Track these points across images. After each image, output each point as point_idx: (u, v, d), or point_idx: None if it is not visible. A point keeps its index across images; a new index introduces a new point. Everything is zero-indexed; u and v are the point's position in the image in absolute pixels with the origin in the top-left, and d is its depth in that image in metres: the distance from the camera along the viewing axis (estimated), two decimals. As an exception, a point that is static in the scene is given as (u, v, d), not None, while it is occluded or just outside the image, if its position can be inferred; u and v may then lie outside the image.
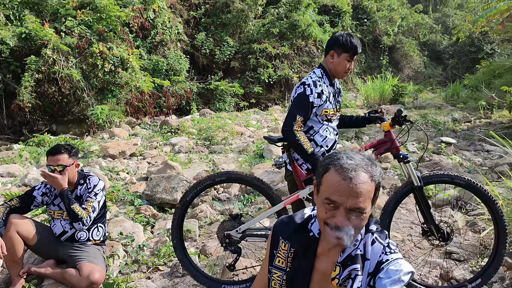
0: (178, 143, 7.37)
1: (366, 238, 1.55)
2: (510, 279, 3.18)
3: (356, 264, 1.51)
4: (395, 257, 1.51)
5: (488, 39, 18.63)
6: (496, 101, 10.29)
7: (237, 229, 2.89)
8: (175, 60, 12.15)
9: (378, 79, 12.73)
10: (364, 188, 1.41)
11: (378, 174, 1.47)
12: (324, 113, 2.86)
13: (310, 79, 2.82)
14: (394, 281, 1.45)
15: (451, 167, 5.71)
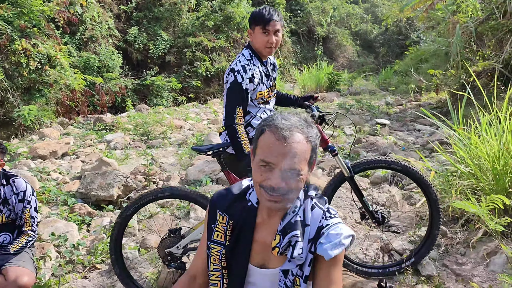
0: (113, 140, 7.07)
1: (306, 204, 1.51)
2: (445, 246, 3.32)
3: (296, 230, 1.46)
4: (335, 221, 1.49)
5: (414, 27, 19.53)
6: (424, 84, 10.80)
7: (177, 245, 2.76)
8: (107, 56, 11.65)
9: (314, 68, 12.94)
10: (299, 149, 1.36)
11: (314, 135, 1.42)
12: (259, 96, 2.79)
13: (239, 63, 2.70)
14: (335, 245, 1.43)
15: (386, 146, 5.89)
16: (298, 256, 1.44)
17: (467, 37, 8.49)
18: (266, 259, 1.55)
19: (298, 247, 1.45)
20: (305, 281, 1.47)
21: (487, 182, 3.24)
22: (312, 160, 1.45)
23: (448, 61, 10.10)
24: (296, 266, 1.48)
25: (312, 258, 1.46)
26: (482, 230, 3.16)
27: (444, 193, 3.67)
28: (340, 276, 1.48)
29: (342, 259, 1.49)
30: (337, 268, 1.47)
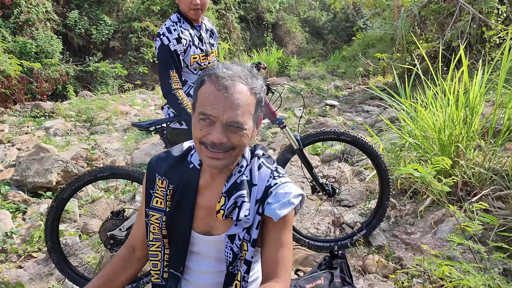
0: (53, 126, 6.65)
1: (252, 164, 1.40)
2: (395, 217, 3.33)
3: (242, 190, 1.34)
4: (283, 180, 1.39)
5: (361, 14, 19.88)
6: (372, 68, 11.01)
7: (120, 227, 2.58)
8: (46, 41, 11.00)
9: (264, 53, 12.87)
10: (242, 100, 1.24)
11: (259, 87, 1.30)
12: (194, 61, 2.63)
13: (163, 27, 2.55)
14: (284, 204, 1.33)
15: (336, 126, 5.91)
16: (245, 218, 1.33)
17: (411, 20, 8.68)
18: (210, 225, 1.43)
19: (245, 208, 1.33)
20: (253, 245, 1.36)
21: (433, 153, 3.27)
22: (258, 114, 1.34)
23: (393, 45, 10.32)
24: (243, 230, 1.36)
25: (260, 220, 1.36)
26: (430, 198, 3.20)
27: (393, 167, 3.69)
28: (290, 239, 1.38)
29: (291, 220, 1.40)
30: (286, 230, 1.37)
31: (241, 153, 1.34)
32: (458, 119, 3.28)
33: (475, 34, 7.28)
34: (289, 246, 1.37)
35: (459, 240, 1.72)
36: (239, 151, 1.31)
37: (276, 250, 1.34)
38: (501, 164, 3.26)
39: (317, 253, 2.83)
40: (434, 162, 2.19)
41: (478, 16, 6.97)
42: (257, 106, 1.31)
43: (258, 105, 1.31)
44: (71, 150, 5.58)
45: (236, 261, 1.38)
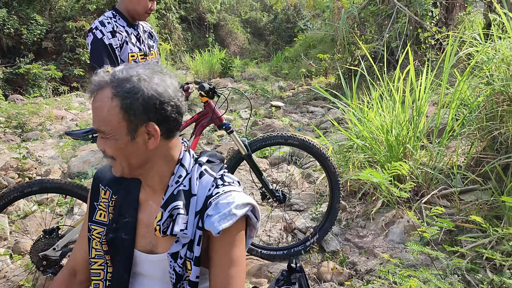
0: (-21, 134, 6.12)
1: (192, 172, 1.24)
2: (346, 220, 3.31)
3: (178, 201, 1.19)
4: (227, 189, 1.22)
5: (301, 15, 20.18)
6: (314, 69, 11.15)
7: (54, 246, 2.35)
8: (-30, 41, 10.19)
9: (206, 54, 12.68)
10: (100, 107, 1.12)
11: (129, 88, 1.10)
12: (132, 59, 2.47)
13: (96, 21, 2.40)
14: (224, 216, 1.16)
15: (282, 127, 5.88)
16: (180, 233, 1.18)
17: (351, 22, 8.87)
18: (153, 243, 1.27)
19: (181, 222, 1.18)
20: (197, 263, 1.20)
21: (382, 154, 3.28)
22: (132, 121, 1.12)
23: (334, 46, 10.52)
24: (183, 247, 1.21)
25: (201, 235, 1.20)
26: (381, 201, 3.20)
27: (342, 168, 3.68)
28: (241, 256, 1.21)
29: (241, 234, 1.22)
30: (235, 246, 1.20)
31: (127, 165, 1.18)
32: (404, 119, 3.32)
33: (411, 35, 7.54)
34: (240, 264, 1.20)
35: (418, 247, 1.69)
36: (122, 162, 1.17)
37: (224, 269, 1.18)
38: (445, 163, 3.33)
39: (271, 263, 2.74)
40: (391, 167, 2.16)
41: (414, 18, 7.21)
42: (126, 113, 1.11)
43: (126, 112, 1.11)
44: (0, 159, 5.14)
45: (181, 282, 1.23)
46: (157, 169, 1.22)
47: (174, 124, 1.17)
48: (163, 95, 1.12)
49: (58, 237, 2.41)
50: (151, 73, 1.14)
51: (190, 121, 2.69)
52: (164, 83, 1.14)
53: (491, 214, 2.74)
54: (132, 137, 1.14)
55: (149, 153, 1.18)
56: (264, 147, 2.81)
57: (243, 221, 1.23)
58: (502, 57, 3.00)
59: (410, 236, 2.83)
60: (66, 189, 2.41)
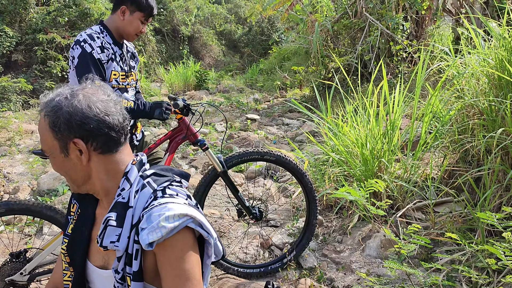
0: None
1: (134, 185, 1.20)
2: (323, 235, 3.29)
3: (111, 212, 1.16)
4: (164, 201, 1.15)
5: (275, 28, 20.36)
6: (289, 81, 11.22)
7: (21, 271, 2.25)
8: None
9: (181, 66, 12.61)
10: (39, 129, 1.18)
11: (51, 107, 1.13)
12: (114, 78, 2.41)
13: (84, 34, 2.33)
14: (153, 229, 1.09)
15: (258, 140, 5.85)
16: (111, 245, 1.14)
17: (325, 35, 8.98)
18: (106, 258, 1.26)
19: (111, 233, 1.15)
20: (136, 279, 1.14)
21: (358, 168, 3.29)
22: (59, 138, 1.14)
23: (308, 58, 10.61)
24: (119, 260, 1.16)
25: (139, 249, 1.14)
26: (357, 215, 3.20)
27: (318, 182, 3.67)
28: (191, 269, 1.13)
29: (187, 248, 1.14)
30: (182, 259, 1.13)
31: (72, 181, 1.22)
32: (379, 133, 3.34)
33: (384, 48, 7.68)
34: (191, 279, 1.13)
35: (396, 265, 1.67)
36: (67, 178, 1.23)
37: (174, 285, 1.12)
38: (419, 176, 3.37)
39: (248, 281, 2.69)
40: (367, 185, 2.16)
41: (386, 32, 7.35)
42: (53, 131, 1.14)
43: (54, 129, 1.14)
44: (-34, 177, 4.94)
45: None
46: (101, 184, 1.21)
47: (107, 139, 1.16)
48: (85, 111, 1.13)
49: (26, 260, 2.31)
50: (75, 91, 1.16)
51: (164, 138, 2.64)
52: (88, 99, 1.14)
53: (465, 226, 2.76)
54: (65, 154, 1.16)
55: (87, 168, 1.18)
56: (240, 163, 2.78)
57: (187, 235, 1.16)
58: (472, 72, 3.07)
59: (387, 250, 2.83)
60: (34, 211, 2.32)
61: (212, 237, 1.20)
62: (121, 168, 1.21)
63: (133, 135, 2.66)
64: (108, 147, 1.18)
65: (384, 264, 2.70)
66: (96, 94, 1.17)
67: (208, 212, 3.72)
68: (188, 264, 1.13)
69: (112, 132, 1.16)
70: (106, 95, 1.19)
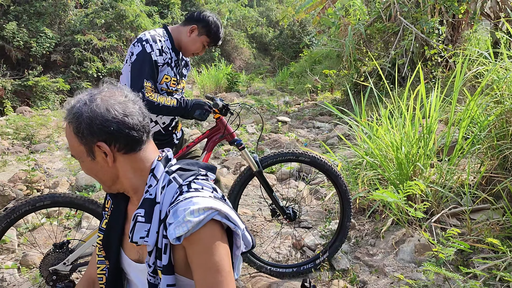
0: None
1: (160, 181, 1.24)
2: (355, 238, 3.29)
3: (140, 209, 1.21)
4: (190, 195, 1.18)
5: (307, 31, 20.33)
6: (320, 84, 11.19)
7: (64, 261, 2.35)
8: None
9: (212, 68, 12.77)
10: (67, 136, 1.23)
11: (73, 114, 1.18)
12: (165, 81, 2.49)
13: (147, 34, 2.41)
14: (179, 224, 1.12)
15: (289, 142, 5.88)
16: (141, 241, 1.18)
17: (358, 38, 8.92)
18: (140, 252, 1.31)
19: (140, 229, 1.19)
20: (166, 272, 1.18)
21: (392, 172, 3.27)
22: (84, 142, 1.18)
23: (340, 62, 10.55)
24: (150, 254, 1.20)
25: (168, 243, 1.18)
26: (390, 219, 3.18)
27: (351, 186, 3.67)
28: (222, 262, 1.16)
29: (214, 240, 1.16)
30: (210, 253, 1.15)
31: (102, 182, 1.28)
32: (414, 137, 3.31)
33: (418, 52, 7.57)
34: (222, 271, 1.15)
35: (434, 268, 1.67)
36: (97, 180, 1.27)
37: (204, 278, 1.14)
38: (455, 182, 3.32)
39: (280, 280, 2.72)
40: (406, 187, 2.16)
41: (420, 36, 7.25)
42: (78, 136, 1.19)
43: (78, 135, 1.18)
44: (8, 171, 5.16)
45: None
46: (129, 182, 1.25)
47: (129, 139, 1.20)
48: (104, 115, 1.16)
49: (69, 251, 2.41)
50: (93, 96, 1.19)
51: (202, 136, 2.70)
52: (106, 103, 1.17)
53: (503, 234, 2.71)
54: (92, 158, 1.21)
55: (114, 169, 1.23)
56: (275, 164, 2.81)
57: (214, 228, 1.18)
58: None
59: (421, 255, 2.80)
60: (77, 204, 2.42)
61: (239, 228, 1.22)
62: (147, 165, 1.25)
63: (174, 134, 2.74)
64: (131, 147, 1.21)
65: (418, 269, 2.69)
66: (113, 96, 1.20)
67: (240, 211, 3.77)
68: (217, 256, 1.15)
69: (133, 132, 1.19)
70: (123, 96, 1.22)
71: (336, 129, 6.36)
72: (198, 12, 2.58)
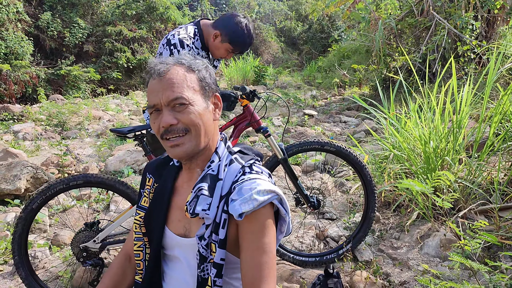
0: (22, 130, 6.37)
1: (222, 159, 1.31)
2: (379, 231, 3.27)
3: (203, 183, 1.25)
4: (254, 177, 1.24)
5: (336, 26, 20.12)
6: (348, 79, 11.09)
7: (94, 239, 2.44)
8: (16, 42, 10.64)
9: (240, 61, 12.80)
10: (178, 78, 1.23)
11: (201, 64, 1.29)
12: None
13: (176, 36, 2.44)
14: (245, 200, 1.18)
15: (315, 136, 5.86)
16: (202, 213, 1.22)
17: (388, 33, 8.79)
18: (186, 227, 1.33)
19: (204, 202, 1.22)
20: (222, 246, 1.22)
21: (419, 165, 3.24)
22: (209, 92, 1.30)
23: (369, 57, 10.43)
24: (207, 228, 1.24)
25: (226, 219, 1.23)
26: (416, 213, 3.15)
27: (376, 179, 3.65)
28: (271, 243, 1.22)
29: (269, 222, 1.23)
30: (263, 234, 1.21)
31: (201, 136, 1.26)
32: (443, 132, 3.26)
33: (450, 48, 7.41)
34: (269, 252, 1.21)
35: (460, 259, 1.66)
36: (197, 132, 1.24)
37: (253, 257, 1.20)
38: (484, 178, 3.26)
39: (303, 269, 2.73)
40: (434, 177, 2.13)
41: (453, 31, 7.09)
42: (201, 83, 1.27)
43: (202, 81, 1.27)
44: (41, 155, 5.34)
45: (205, 264, 1.26)
46: (208, 151, 1.31)
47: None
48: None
49: (98, 230, 2.49)
50: None
51: (228, 123, 2.73)
52: None
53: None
54: (207, 105, 1.28)
55: (212, 127, 1.29)
56: (300, 152, 2.81)
57: (270, 210, 1.23)
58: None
59: (447, 250, 2.77)
60: (108, 184, 2.49)
61: (288, 215, 1.28)
62: (216, 139, 1.34)
63: None
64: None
65: (443, 263, 2.66)
66: None
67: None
68: (268, 238, 1.21)
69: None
70: None
71: (363, 125, 6.30)
72: (228, 17, 2.55)
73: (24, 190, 3.92)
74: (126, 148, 5.24)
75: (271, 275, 1.20)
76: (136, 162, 4.75)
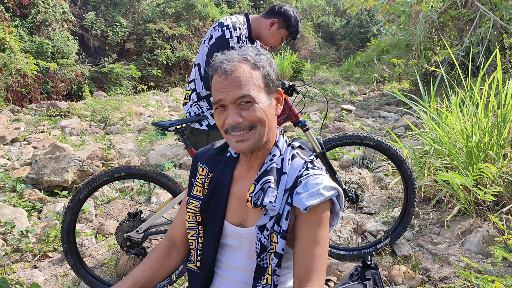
0: (68, 126, 6.65)
1: (285, 153, 1.36)
2: (418, 226, 3.23)
3: (269, 176, 1.30)
4: (317, 172, 1.31)
5: (375, 20, 19.75)
6: (387, 74, 10.89)
7: (137, 229, 2.53)
8: (62, 41, 11.06)
9: (278, 56, 12.81)
10: (244, 76, 1.25)
11: (265, 61, 1.31)
12: None
13: (229, 19, 2.51)
14: (312, 194, 1.25)
15: (353, 131, 5.81)
16: (269, 205, 1.26)
17: (429, 26, 8.57)
18: (243, 216, 1.38)
19: (271, 195, 1.27)
20: (283, 237, 1.28)
21: (461, 160, 3.17)
22: (272, 88, 1.33)
23: (409, 51, 10.18)
24: (270, 219, 1.29)
25: (289, 210, 1.29)
26: (457, 208, 3.09)
27: (416, 174, 3.59)
28: (325, 238, 1.28)
29: (326, 216, 1.30)
30: (320, 227, 1.27)
31: (265, 131, 1.29)
32: (487, 126, 3.18)
33: (495, 41, 7.14)
34: (323, 245, 1.27)
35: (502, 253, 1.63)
36: (261, 128, 1.28)
37: (308, 248, 1.25)
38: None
39: (340, 262, 2.75)
40: (476, 169, 2.09)
41: (499, 23, 6.83)
42: (266, 80, 1.29)
43: (266, 78, 1.29)
44: (87, 149, 5.56)
45: (265, 254, 1.31)
46: (269, 144, 1.35)
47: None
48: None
49: (141, 220, 2.59)
50: None
51: None
52: None
53: None
54: (270, 101, 1.31)
55: (274, 122, 1.34)
56: (339, 146, 2.82)
57: (328, 205, 1.30)
58: None
59: (489, 246, 2.71)
60: (150, 177, 2.58)
61: (341, 211, 1.34)
62: (275, 133, 1.39)
63: None
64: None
65: (486, 260, 2.60)
66: None
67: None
68: (323, 231, 1.28)
69: None
70: None
71: (402, 120, 6.19)
72: (280, 6, 2.64)
73: (71, 182, 4.11)
74: (166, 142, 5.37)
75: (322, 268, 1.25)
76: (176, 156, 4.87)
